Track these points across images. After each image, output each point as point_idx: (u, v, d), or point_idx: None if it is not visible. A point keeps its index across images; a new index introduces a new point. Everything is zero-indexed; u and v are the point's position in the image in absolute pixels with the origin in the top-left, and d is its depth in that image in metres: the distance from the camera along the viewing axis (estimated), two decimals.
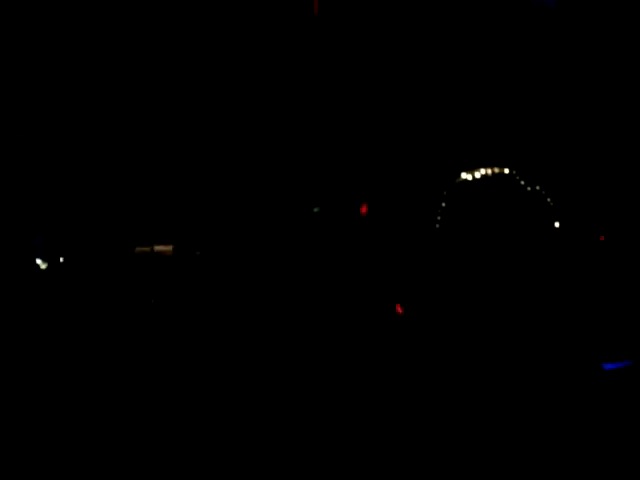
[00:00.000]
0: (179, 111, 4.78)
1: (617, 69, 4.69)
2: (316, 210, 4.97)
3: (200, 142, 4.87)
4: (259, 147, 4.88)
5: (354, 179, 5.02)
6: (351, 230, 4.91)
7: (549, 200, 5.00)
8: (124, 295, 3.74)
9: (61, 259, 3.72)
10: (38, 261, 3.78)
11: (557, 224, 4.93)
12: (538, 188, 4.99)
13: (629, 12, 4.51)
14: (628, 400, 3.08)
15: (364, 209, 4.14)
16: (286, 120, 4.93)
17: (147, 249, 4.15)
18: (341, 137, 5.00)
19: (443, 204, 5.19)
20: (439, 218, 5.14)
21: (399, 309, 4.11)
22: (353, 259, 4.79)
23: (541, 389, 3.23)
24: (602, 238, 4.60)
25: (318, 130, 4.93)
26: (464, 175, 5.09)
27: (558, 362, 3.38)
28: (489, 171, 5.06)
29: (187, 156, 4.85)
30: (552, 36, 4.59)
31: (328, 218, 4.95)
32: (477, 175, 5.08)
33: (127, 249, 3.97)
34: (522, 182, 5.03)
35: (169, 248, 4.32)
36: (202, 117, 4.83)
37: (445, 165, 5.06)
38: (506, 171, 5.04)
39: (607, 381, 3.29)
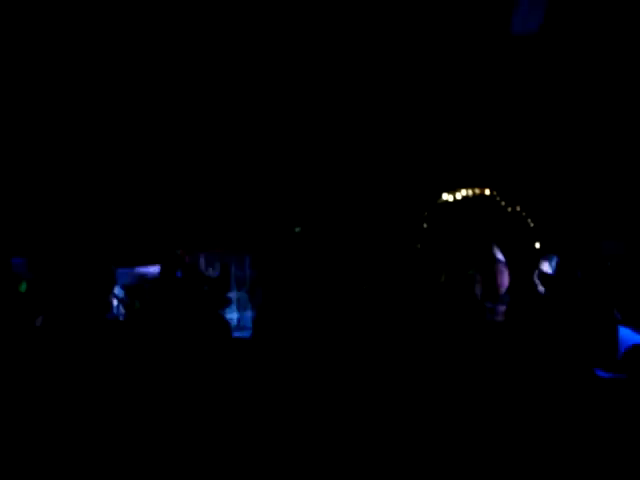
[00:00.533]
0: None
1: (599, 93, 4.74)
2: (297, 230, 5.00)
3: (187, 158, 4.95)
4: (241, 162, 4.94)
5: (337, 199, 5.07)
6: (334, 251, 4.94)
7: (529, 221, 5.03)
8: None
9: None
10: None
11: (537, 244, 4.95)
12: (518, 209, 5.03)
13: (611, 36, 4.58)
14: (620, 409, 3.06)
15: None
16: (269, 139, 5.00)
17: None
18: (325, 157, 5.06)
19: (425, 225, 5.23)
20: (421, 238, 5.17)
21: None
22: (336, 280, 4.81)
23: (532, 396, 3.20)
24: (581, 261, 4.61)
25: (301, 148, 4.99)
26: (445, 196, 5.13)
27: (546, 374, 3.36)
28: (470, 192, 5.11)
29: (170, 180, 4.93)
30: (533, 60, 4.65)
31: (310, 238, 4.99)
32: (458, 196, 5.12)
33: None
34: (502, 203, 5.07)
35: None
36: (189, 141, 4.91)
37: (427, 186, 5.11)
38: (487, 192, 5.08)
39: (600, 387, 3.26)
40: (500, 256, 4.06)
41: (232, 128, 4.95)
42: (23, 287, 3.83)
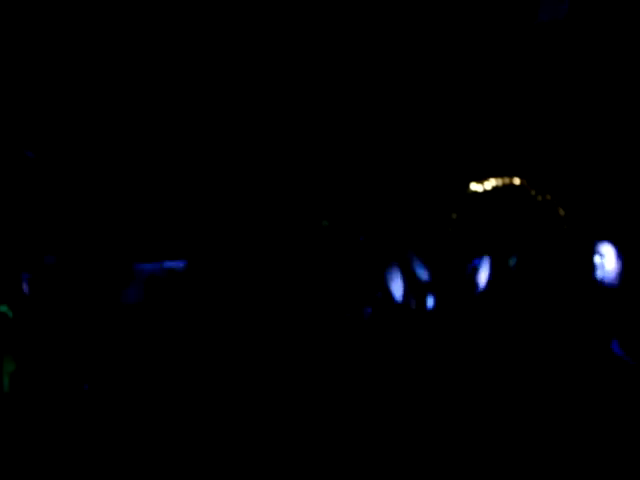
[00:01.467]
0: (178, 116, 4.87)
1: (628, 82, 4.62)
2: (325, 224, 4.99)
3: (203, 149, 4.97)
4: (261, 152, 4.94)
5: (363, 190, 5.04)
6: (362, 247, 4.92)
7: (561, 210, 4.94)
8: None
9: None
10: None
11: (569, 234, 4.87)
12: (549, 198, 4.94)
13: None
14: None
15: None
16: (289, 124, 4.98)
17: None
18: (348, 147, 5.03)
19: (454, 216, 5.18)
20: (450, 230, 5.12)
21: None
22: (363, 274, 4.80)
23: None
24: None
25: (323, 137, 4.97)
26: (474, 186, 5.07)
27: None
28: (499, 182, 5.04)
29: (189, 166, 4.95)
30: (561, 48, 4.55)
31: (338, 233, 4.98)
32: (487, 186, 5.06)
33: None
34: (533, 192, 4.99)
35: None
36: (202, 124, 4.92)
37: (454, 176, 5.05)
38: (516, 181, 5.01)
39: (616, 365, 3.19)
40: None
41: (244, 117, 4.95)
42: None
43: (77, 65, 4.78)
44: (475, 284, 4.45)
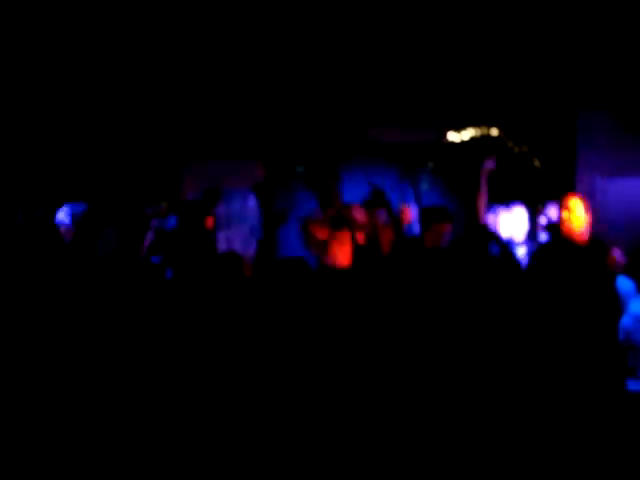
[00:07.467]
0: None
1: (607, 33, 4.56)
2: (300, 170, 4.94)
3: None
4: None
5: (333, 142, 4.99)
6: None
7: (537, 162, 4.93)
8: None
9: None
10: None
11: (544, 186, 4.87)
12: (526, 149, 4.93)
13: None
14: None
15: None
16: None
17: None
18: (323, 86, 4.95)
19: (430, 165, 5.14)
20: (426, 178, 5.09)
21: None
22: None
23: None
24: None
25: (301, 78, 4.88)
26: (451, 135, 5.03)
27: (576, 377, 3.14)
28: (477, 131, 5.00)
29: None
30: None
31: (312, 178, 4.92)
32: (464, 136, 5.02)
33: None
34: (510, 143, 4.96)
35: None
36: None
37: (432, 125, 5.00)
38: (494, 132, 4.97)
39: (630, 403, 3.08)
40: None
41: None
42: None
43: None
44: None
